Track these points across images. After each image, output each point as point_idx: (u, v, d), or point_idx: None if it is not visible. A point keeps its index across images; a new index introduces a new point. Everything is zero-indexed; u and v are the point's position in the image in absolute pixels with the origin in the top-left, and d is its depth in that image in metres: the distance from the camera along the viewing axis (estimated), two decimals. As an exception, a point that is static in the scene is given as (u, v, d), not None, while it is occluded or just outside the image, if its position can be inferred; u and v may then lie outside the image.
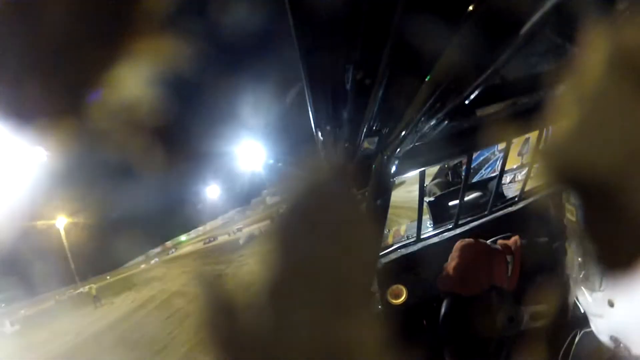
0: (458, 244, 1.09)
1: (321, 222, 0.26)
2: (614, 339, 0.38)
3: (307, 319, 0.24)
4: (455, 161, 1.85)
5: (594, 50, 0.30)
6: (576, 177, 0.32)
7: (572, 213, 0.53)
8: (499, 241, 1.11)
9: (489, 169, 1.82)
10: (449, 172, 1.94)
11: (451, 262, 1.08)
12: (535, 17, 0.43)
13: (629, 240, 0.31)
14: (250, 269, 0.26)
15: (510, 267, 1.04)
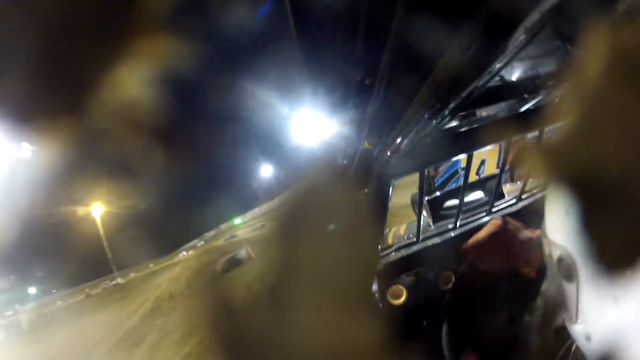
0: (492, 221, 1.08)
1: (321, 223, 0.26)
2: None
3: (307, 320, 0.24)
4: (433, 172, 1.91)
5: (594, 52, 0.30)
6: (575, 178, 0.32)
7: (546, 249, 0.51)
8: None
9: (454, 184, 1.90)
10: (432, 182, 1.99)
11: (478, 235, 1.07)
12: (535, 18, 0.43)
13: (627, 240, 0.31)
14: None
15: (534, 255, 1.03)
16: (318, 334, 0.25)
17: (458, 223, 1.24)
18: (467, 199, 1.43)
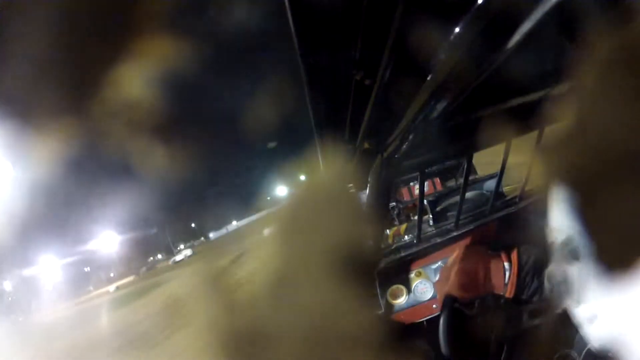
0: (458, 249, 1.10)
1: (322, 222, 0.26)
2: (603, 348, 0.38)
3: (308, 319, 0.24)
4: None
5: (595, 50, 0.30)
6: (574, 177, 0.32)
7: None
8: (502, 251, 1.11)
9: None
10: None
11: (451, 267, 1.08)
12: (536, 17, 0.43)
13: (622, 239, 0.31)
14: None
15: (508, 275, 1.05)
16: (318, 333, 0.25)
17: (458, 223, 1.24)
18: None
